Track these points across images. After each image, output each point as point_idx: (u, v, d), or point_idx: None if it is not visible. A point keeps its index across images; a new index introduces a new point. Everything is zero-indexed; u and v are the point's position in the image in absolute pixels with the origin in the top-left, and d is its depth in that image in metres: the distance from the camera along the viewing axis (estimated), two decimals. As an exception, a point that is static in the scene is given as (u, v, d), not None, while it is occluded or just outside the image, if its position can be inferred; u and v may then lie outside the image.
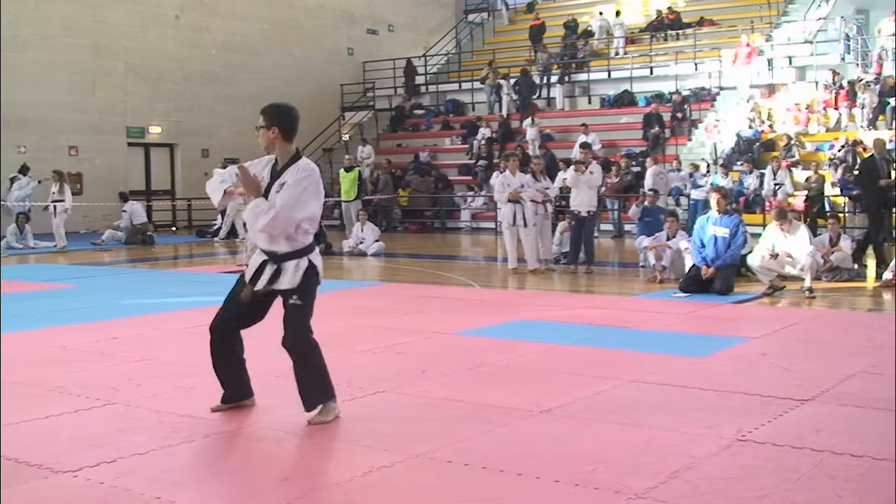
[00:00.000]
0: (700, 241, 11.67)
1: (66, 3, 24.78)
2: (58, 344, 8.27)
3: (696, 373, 6.87)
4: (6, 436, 5.29)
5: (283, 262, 5.52)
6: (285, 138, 5.56)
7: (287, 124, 5.56)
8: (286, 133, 5.56)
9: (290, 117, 5.60)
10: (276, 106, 5.63)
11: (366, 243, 18.03)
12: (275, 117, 5.55)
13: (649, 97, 26.39)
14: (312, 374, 5.54)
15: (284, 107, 5.63)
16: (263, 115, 5.57)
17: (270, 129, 5.53)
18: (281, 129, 5.53)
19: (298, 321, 5.52)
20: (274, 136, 5.54)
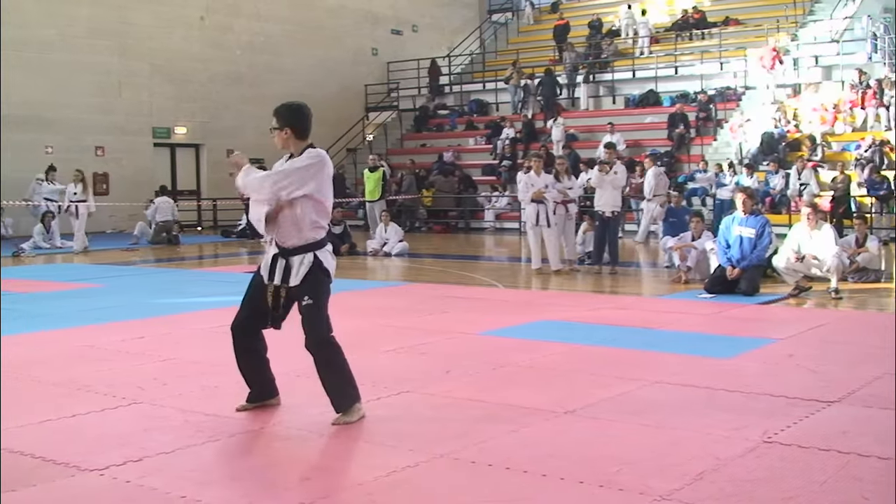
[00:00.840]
0: (726, 241, 11.61)
1: (91, 4, 24.95)
2: (85, 343, 8.33)
3: (722, 374, 6.83)
4: (34, 435, 5.34)
5: (291, 257, 5.53)
6: (298, 137, 5.59)
7: (299, 124, 5.59)
8: (299, 132, 5.59)
9: (302, 116, 5.61)
10: (286, 106, 5.65)
11: (390, 243, 18.05)
12: (286, 118, 5.58)
13: (674, 97, 26.31)
14: (337, 375, 5.55)
15: (295, 106, 5.65)
16: (275, 116, 5.60)
17: (283, 130, 5.57)
18: (293, 129, 5.57)
19: (316, 322, 5.51)
20: (287, 136, 5.58)
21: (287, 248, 5.55)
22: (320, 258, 5.55)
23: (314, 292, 5.51)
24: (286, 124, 5.56)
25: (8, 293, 12.17)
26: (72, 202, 18.94)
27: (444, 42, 34.26)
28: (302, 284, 5.51)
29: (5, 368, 7.17)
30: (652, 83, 27.25)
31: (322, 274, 5.55)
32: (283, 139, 5.58)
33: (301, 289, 5.51)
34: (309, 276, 5.51)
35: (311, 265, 5.51)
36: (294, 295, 5.55)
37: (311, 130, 5.65)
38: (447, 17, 35.29)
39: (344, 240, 18.27)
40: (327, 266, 5.58)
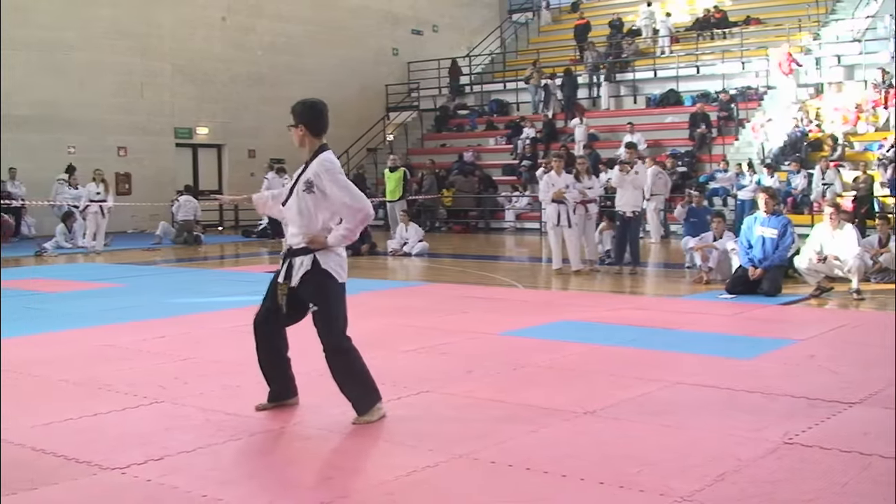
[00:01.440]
0: (747, 241, 11.57)
1: (114, 5, 25.07)
2: (106, 342, 8.38)
3: (743, 375, 6.80)
4: (56, 433, 5.37)
5: (293, 258, 5.55)
6: (313, 134, 5.61)
7: (314, 121, 5.61)
8: (313, 129, 5.60)
9: (317, 113, 5.63)
10: (303, 103, 5.67)
11: (410, 243, 18.07)
12: (302, 115, 5.60)
13: (695, 96, 26.20)
14: (354, 381, 5.55)
15: (310, 103, 5.66)
16: (292, 113, 5.62)
17: (298, 127, 5.60)
18: (307, 126, 5.59)
19: (326, 330, 5.50)
20: (303, 133, 5.60)
21: (291, 249, 5.58)
22: (320, 259, 5.49)
23: (319, 298, 5.49)
24: (301, 121, 5.59)
25: (30, 292, 12.27)
26: (93, 201, 19.01)
27: (465, 42, 34.27)
28: (304, 286, 5.50)
29: (28, 368, 7.23)
30: (673, 83, 27.17)
31: (322, 276, 5.48)
32: (299, 136, 5.61)
33: (305, 292, 5.51)
34: (309, 279, 5.48)
35: (309, 267, 5.48)
36: (300, 298, 5.54)
37: (327, 128, 5.67)
38: (467, 17, 35.29)
39: (364, 240, 18.29)
40: (326, 267, 5.49)
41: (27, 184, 22.30)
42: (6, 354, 7.75)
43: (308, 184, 5.51)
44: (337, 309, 5.54)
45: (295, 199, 5.57)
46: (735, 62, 26.46)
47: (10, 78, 23.04)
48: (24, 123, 23.33)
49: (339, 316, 5.55)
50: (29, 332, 9.01)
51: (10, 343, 8.35)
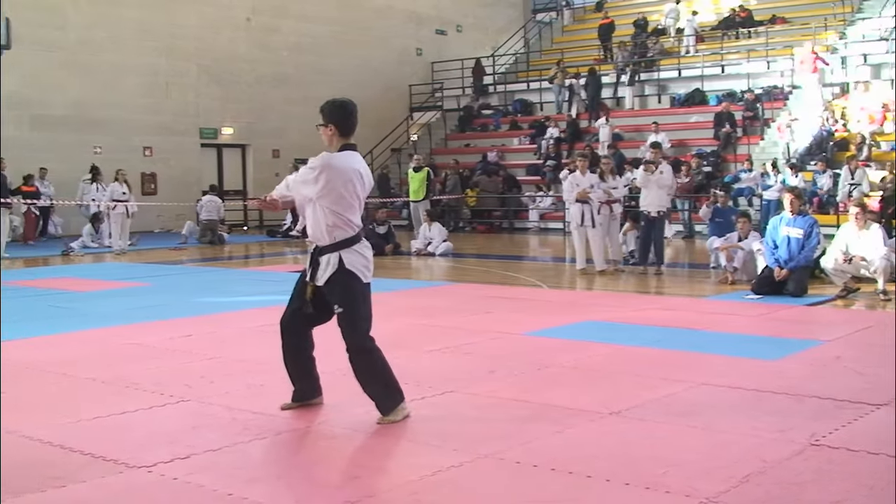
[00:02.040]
0: (773, 242, 11.51)
1: (140, 6, 25.23)
2: (133, 341, 8.43)
3: (769, 376, 6.77)
4: (84, 431, 5.41)
5: (320, 257, 5.55)
6: (342, 134, 5.63)
7: (341, 120, 5.62)
8: (342, 129, 5.62)
9: (346, 113, 5.64)
10: (331, 103, 5.70)
11: (434, 243, 18.08)
12: (330, 114, 5.63)
13: (720, 96, 26.09)
14: (377, 381, 5.56)
15: (339, 103, 5.68)
16: (321, 113, 5.66)
17: (328, 127, 5.62)
18: (336, 125, 5.61)
19: (350, 330, 5.51)
20: (332, 133, 5.62)
21: (318, 248, 5.60)
22: (344, 259, 5.49)
23: (345, 299, 5.49)
24: (330, 121, 5.61)
25: (57, 291, 12.37)
26: (117, 201, 19.10)
27: (488, 42, 34.25)
28: (329, 287, 5.51)
29: (56, 366, 7.29)
30: (698, 82, 27.06)
31: (348, 277, 5.48)
32: (328, 136, 5.63)
33: (331, 293, 5.52)
34: (335, 279, 5.49)
35: (336, 268, 5.49)
36: (326, 297, 5.56)
37: (355, 128, 5.68)
38: (491, 17, 35.28)
39: (388, 240, 18.34)
40: (352, 268, 5.49)
41: (56, 184, 22.47)
42: (34, 353, 7.83)
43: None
44: (362, 310, 5.54)
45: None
46: (760, 61, 26.32)
47: (42, 79, 23.29)
48: (56, 124, 23.58)
49: (363, 317, 5.55)
50: (56, 330, 9.09)
51: (39, 342, 8.44)
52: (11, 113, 22.82)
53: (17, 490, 4.38)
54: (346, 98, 5.75)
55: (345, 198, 5.50)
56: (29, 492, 4.36)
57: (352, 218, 5.54)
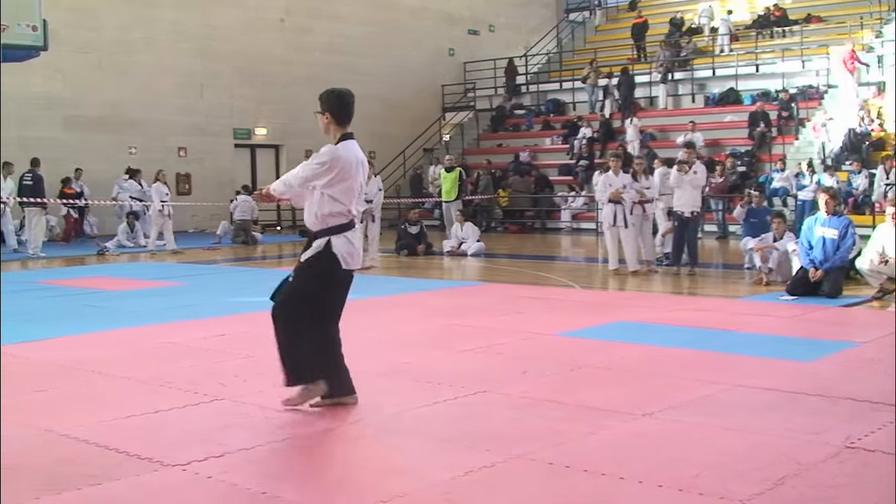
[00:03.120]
0: (808, 242, 11.42)
1: (174, 7, 25.40)
2: (167, 340, 8.49)
3: (803, 377, 6.72)
4: (119, 430, 5.46)
5: (313, 241, 5.76)
6: (338, 123, 5.80)
7: (337, 109, 5.79)
8: (337, 118, 5.79)
9: (342, 103, 5.81)
10: (329, 91, 5.86)
11: (466, 243, 18.09)
12: (327, 103, 5.81)
13: (755, 95, 25.91)
14: (287, 351, 5.77)
15: (337, 92, 5.85)
16: (319, 100, 5.82)
17: (324, 115, 5.79)
18: (332, 114, 5.78)
19: (284, 295, 5.78)
20: (328, 121, 5.79)
21: (310, 232, 5.82)
22: (333, 243, 5.69)
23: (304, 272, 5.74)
24: (327, 109, 5.80)
25: (92, 291, 12.48)
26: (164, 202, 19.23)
27: (521, 41, 34.20)
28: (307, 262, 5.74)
29: (92, 365, 7.35)
30: (732, 81, 26.89)
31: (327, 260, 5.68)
32: (325, 123, 5.82)
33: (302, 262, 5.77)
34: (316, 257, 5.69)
35: (320, 249, 5.69)
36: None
37: (351, 117, 5.84)
38: (524, 17, 35.21)
39: (420, 240, 18.36)
40: (336, 251, 5.68)
41: (91, 184, 22.66)
42: (69, 352, 7.91)
43: None
44: (311, 291, 5.72)
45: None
46: (795, 61, 26.10)
47: (77, 80, 23.51)
48: (92, 125, 23.79)
49: (306, 296, 5.72)
50: (91, 330, 9.17)
51: (73, 341, 8.53)
52: (47, 114, 23.13)
53: (54, 488, 4.43)
54: (344, 88, 5.90)
55: (351, 188, 5.72)
56: (65, 489, 4.41)
57: (350, 207, 5.76)
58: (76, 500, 4.31)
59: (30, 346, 8.23)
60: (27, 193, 18.16)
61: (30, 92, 22.55)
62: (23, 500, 4.26)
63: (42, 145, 22.01)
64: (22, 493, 4.34)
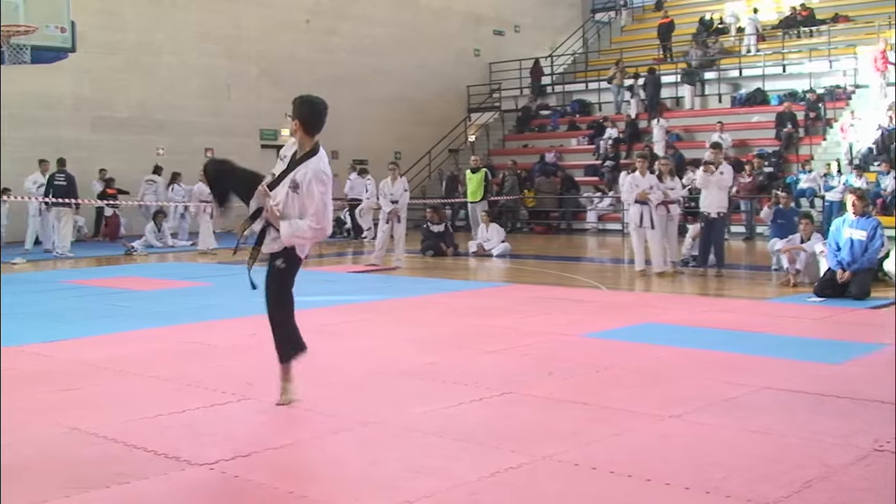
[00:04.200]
0: (836, 243, 11.35)
1: (201, 9, 25.54)
2: (195, 340, 8.54)
3: (831, 380, 6.68)
4: (147, 428, 5.49)
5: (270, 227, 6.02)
6: (306, 131, 5.79)
7: (307, 118, 5.78)
8: (306, 126, 5.79)
9: (313, 112, 5.80)
10: (302, 99, 5.85)
11: (491, 244, 18.08)
12: (298, 109, 5.80)
13: (782, 95, 25.77)
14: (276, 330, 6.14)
15: (309, 100, 5.82)
16: (292, 104, 5.82)
17: (294, 121, 5.79)
18: (301, 121, 5.76)
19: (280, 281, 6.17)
20: (296, 128, 5.79)
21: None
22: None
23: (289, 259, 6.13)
24: (297, 116, 5.79)
25: (120, 290, 12.56)
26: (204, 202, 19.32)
27: (547, 42, 34.14)
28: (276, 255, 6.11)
29: (119, 364, 7.41)
30: (759, 81, 26.76)
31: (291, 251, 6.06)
32: (293, 129, 5.83)
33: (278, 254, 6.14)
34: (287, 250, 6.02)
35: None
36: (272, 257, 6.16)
37: (321, 128, 5.85)
38: (549, 17, 35.16)
39: (444, 239, 18.35)
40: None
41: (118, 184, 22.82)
42: (97, 352, 7.96)
43: (295, 184, 5.76)
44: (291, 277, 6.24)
45: (283, 188, 5.84)
46: (822, 61, 25.95)
47: (104, 81, 23.68)
48: (118, 125, 23.96)
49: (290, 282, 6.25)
50: (119, 329, 9.23)
51: (102, 340, 8.59)
52: (74, 114, 23.33)
53: (83, 485, 4.47)
54: (318, 98, 5.88)
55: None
56: (93, 487, 4.44)
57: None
58: (104, 498, 4.34)
59: (58, 346, 8.30)
60: (60, 193, 18.31)
61: (58, 93, 22.78)
62: (52, 498, 4.29)
63: (70, 146, 22.21)
64: (51, 491, 4.37)
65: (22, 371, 7.19)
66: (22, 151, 21.70)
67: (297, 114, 5.76)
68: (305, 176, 5.73)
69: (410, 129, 28.85)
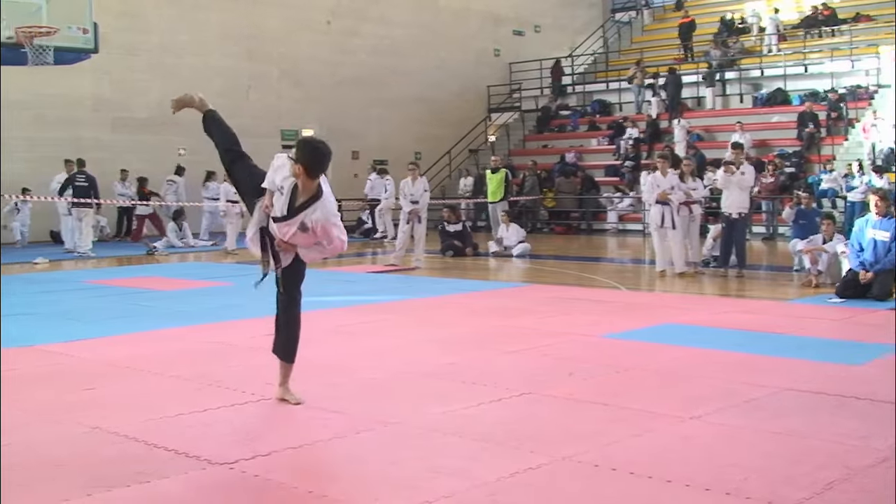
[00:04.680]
0: (858, 244, 11.28)
1: (222, 10, 25.62)
2: (215, 340, 8.57)
3: (852, 381, 6.64)
4: (167, 428, 5.52)
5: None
6: (308, 175, 5.75)
7: (310, 162, 5.74)
8: (309, 170, 5.74)
9: (315, 156, 5.75)
10: (305, 142, 5.87)
11: (511, 244, 18.07)
12: (301, 152, 5.78)
13: (803, 95, 25.63)
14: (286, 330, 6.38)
15: (312, 146, 5.81)
16: (296, 147, 5.85)
17: (297, 165, 5.77)
18: (304, 166, 5.73)
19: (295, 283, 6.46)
20: (299, 172, 5.76)
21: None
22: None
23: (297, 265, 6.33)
24: (300, 161, 5.76)
25: (141, 290, 12.62)
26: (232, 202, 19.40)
27: (567, 42, 34.08)
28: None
29: (140, 363, 7.44)
30: (780, 81, 26.63)
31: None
32: (296, 172, 5.79)
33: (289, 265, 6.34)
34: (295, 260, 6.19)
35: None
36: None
37: (324, 171, 5.84)
38: (570, 17, 35.09)
39: (463, 239, 18.34)
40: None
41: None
42: (118, 351, 8.01)
43: (304, 226, 5.83)
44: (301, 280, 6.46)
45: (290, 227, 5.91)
46: (844, 60, 25.79)
47: (125, 82, 23.80)
48: (139, 126, 24.07)
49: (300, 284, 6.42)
50: (141, 329, 9.28)
51: (122, 340, 8.63)
52: (95, 115, 23.47)
53: (104, 484, 4.49)
54: (321, 141, 5.90)
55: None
56: (115, 486, 4.47)
57: None
58: (125, 496, 4.36)
59: (79, 345, 8.35)
60: (81, 194, 18.43)
61: (78, 94, 22.92)
62: (73, 497, 4.32)
63: (90, 146, 22.34)
64: (73, 490, 4.40)
65: (44, 370, 7.25)
66: (42, 151, 21.89)
67: (301, 157, 5.74)
68: (317, 223, 5.81)
69: (430, 129, 28.85)
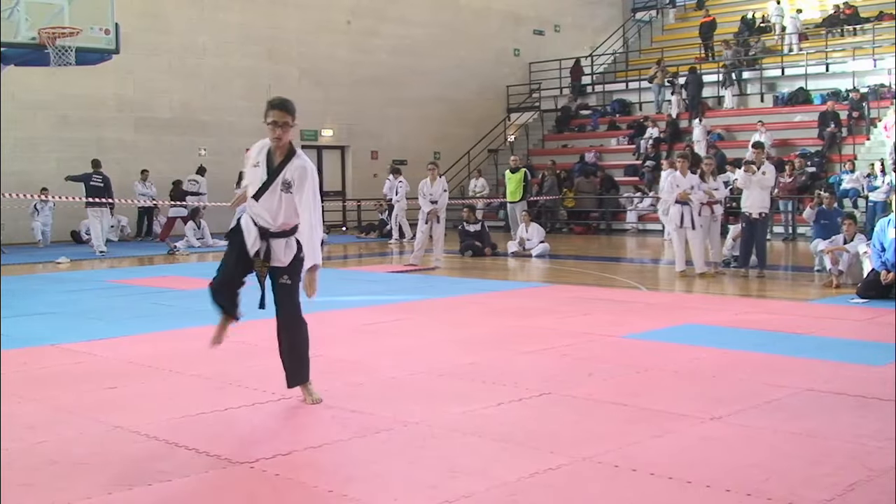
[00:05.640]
0: (880, 244, 11.21)
1: (243, 11, 25.73)
2: (236, 339, 8.55)
3: (874, 382, 6.60)
4: (189, 427, 5.54)
5: (273, 239, 5.90)
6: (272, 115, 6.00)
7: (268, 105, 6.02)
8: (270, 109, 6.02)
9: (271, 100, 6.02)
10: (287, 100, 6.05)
11: (531, 244, 18.06)
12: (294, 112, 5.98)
13: (825, 95, 25.50)
14: (300, 351, 6.06)
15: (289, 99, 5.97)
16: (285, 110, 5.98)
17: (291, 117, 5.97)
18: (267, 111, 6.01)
19: (292, 300, 6.01)
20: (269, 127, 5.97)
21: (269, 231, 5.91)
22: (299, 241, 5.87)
23: (294, 274, 5.94)
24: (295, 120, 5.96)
25: (162, 290, 12.68)
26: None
27: (587, 41, 34.03)
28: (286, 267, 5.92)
29: (161, 363, 7.48)
30: (802, 81, 26.50)
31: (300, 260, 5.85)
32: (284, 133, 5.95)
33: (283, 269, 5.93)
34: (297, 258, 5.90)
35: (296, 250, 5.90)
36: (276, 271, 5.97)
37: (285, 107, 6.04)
38: (590, 17, 35.05)
39: (482, 238, 18.35)
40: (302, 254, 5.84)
41: (160, 185, 23.09)
42: (139, 350, 8.05)
43: (287, 184, 5.85)
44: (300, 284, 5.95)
45: (273, 194, 5.89)
46: (866, 59, 25.65)
47: (147, 83, 23.93)
48: (161, 127, 24.21)
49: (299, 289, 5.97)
50: (161, 328, 9.33)
51: (144, 339, 8.68)
52: (117, 116, 23.60)
53: (125, 483, 4.52)
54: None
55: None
56: (136, 485, 4.49)
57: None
58: (147, 495, 4.38)
59: (100, 344, 8.40)
60: (96, 194, 18.56)
61: (101, 94, 23.05)
62: (95, 495, 4.34)
63: (113, 146, 22.48)
64: (94, 489, 4.43)
65: (66, 369, 7.29)
66: (64, 152, 22.05)
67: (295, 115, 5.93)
68: (300, 178, 5.86)
69: (450, 129, 28.87)
